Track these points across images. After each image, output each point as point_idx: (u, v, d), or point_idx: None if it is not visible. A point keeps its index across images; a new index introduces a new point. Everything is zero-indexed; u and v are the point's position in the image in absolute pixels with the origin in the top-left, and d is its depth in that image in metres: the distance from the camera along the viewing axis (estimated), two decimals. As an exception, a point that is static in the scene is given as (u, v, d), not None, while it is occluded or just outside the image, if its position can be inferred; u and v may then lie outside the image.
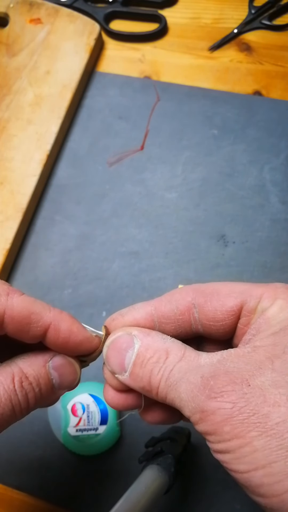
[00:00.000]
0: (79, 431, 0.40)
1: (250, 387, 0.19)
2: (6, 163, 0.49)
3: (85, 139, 0.52)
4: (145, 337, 0.23)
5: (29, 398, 0.23)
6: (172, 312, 0.24)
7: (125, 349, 0.23)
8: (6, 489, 0.41)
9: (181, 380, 0.21)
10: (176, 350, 0.22)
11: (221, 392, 0.19)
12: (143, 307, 0.24)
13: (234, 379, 0.20)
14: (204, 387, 0.20)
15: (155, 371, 0.22)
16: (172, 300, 0.24)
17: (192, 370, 0.21)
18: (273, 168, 0.48)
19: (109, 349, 0.24)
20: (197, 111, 0.51)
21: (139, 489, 0.30)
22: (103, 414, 0.40)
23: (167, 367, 0.22)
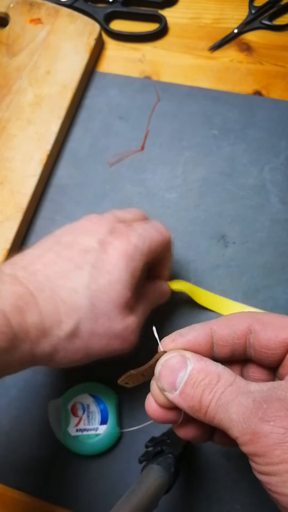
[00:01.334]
0: (79, 431, 0.40)
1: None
2: (6, 163, 0.49)
3: (85, 139, 0.52)
4: (198, 361, 0.25)
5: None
6: (230, 336, 0.26)
7: (178, 369, 0.25)
8: (6, 489, 0.41)
9: (232, 402, 0.22)
10: (228, 375, 0.24)
11: (274, 416, 0.20)
12: (203, 327, 0.26)
13: (286, 405, 0.21)
14: (257, 409, 0.21)
15: (207, 392, 0.23)
16: (230, 325, 0.26)
17: (244, 394, 0.22)
18: (273, 168, 0.48)
19: (163, 367, 0.25)
20: (197, 111, 0.51)
21: (139, 489, 0.30)
22: (103, 414, 0.40)
23: (219, 389, 0.23)
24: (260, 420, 0.21)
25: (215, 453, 0.39)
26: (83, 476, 0.40)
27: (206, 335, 0.26)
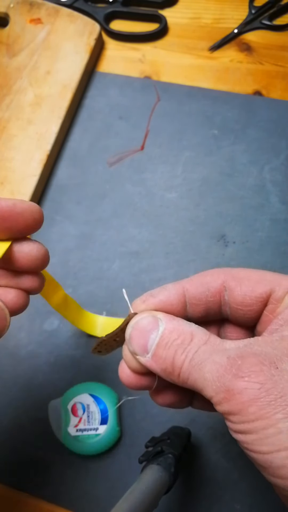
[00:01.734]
0: (79, 431, 0.40)
1: (278, 370, 0.19)
2: (6, 163, 0.49)
3: (85, 139, 0.52)
4: (170, 321, 0.23)
5: None
6: (203, 294, 0.24)
7: (150, 331, 0.23)
8: (6, 489, 0.41)
9: (206, 361, 0.21)
10: (201, 334, 0.23)
11: (249, 371, 0.19)
12: (174, 287, 0.25)
13: (262, 360, 0.20)
14: (231, 366, 0.20)
15: (179, 352, 0.22)
16: (204, 282, 0.25)
17: (218, 352, 0.21)
18: (273, 168, 0.48)
19: (133, 330, 0.24)
20: (197, 111, 0.51)
21: (139, 489, 0.30)
22: (103, 414, 0.40)
23: (192, 348, 0.22)
24: (234, 377, 0.20)
25: (215, 453, 0.39)
26: (83, 476, 0.40)
27: (178, 294, 0.25)
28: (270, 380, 0.19)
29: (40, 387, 0.43)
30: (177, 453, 0.34)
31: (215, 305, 0.25)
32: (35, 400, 0.42)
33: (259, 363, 0.20)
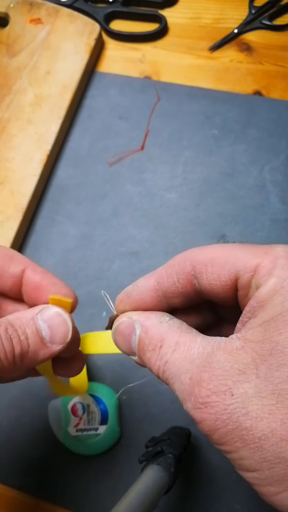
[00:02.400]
0: (79, 431, 0.40)
1: (233, 397, 0.19)
2: (6, 163, 0.49)
3: (85, 139, 0.52)
4: (144, 322, 0.23)
5: (14, 344, 0.23)
6: (174, 286, 0.23)
7: (129, 334, 0.23)
8: (6, 489, 0.41)
9: (174, 378, 0.21)
10: (170, 337, 0.22)
11: (205, 403, 0.19)
12: (146, 283, 0.24)
13: (218, 386, 0.19)
14: (190, 394, 0.20)
15: (153, 361, 0.22)
16: (172, 273, 0.23)
17: (185, 366, 0.21)
18: (273, 168, 0.48)
19: (115, 335, 0.24)
20: (197, 111, 0.51)
21: (139, 489, 0.30)
22: (103, 414, 0.40)
23: (162, 358, 0.22)
24: (192, 407, 0.20)
25: (215, 453, 0.39)
26: (83, 476, 0.40)
27: (150, 291, 0.24)
28: (225, 410, 0.19)
29: (40, 387, 0.43)
30: (177, 453, 0.34)
31: (190, 294, 0.23)
32: (35, 400, 0.42)
33: (213, 393, 0.19)
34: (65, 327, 0.25)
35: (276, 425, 0.18)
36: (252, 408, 0.18)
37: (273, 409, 0.18)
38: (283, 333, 0.18)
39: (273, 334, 0.19)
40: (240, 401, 0.18)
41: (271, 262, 0.20)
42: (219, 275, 0.22)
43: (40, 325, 0.24)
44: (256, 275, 0.20)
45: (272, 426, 0.18)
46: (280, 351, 0.18)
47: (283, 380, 0.18)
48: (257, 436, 0.18)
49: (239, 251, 0.22)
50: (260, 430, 0.18)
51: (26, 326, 0.24)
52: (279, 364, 0.18)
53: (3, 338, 0.23)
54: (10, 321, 0.24)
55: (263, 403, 0.18)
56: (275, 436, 0.18)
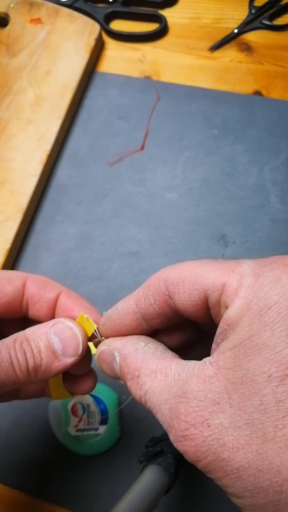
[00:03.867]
0: (79, 431, 0.40)
1: (210, 429, 0.19)
2: (6, 163, 0.49)
3: (85, 139, 0.52)
4: (121, 350, 0.23)
5: (28, 358, 0.24)
6: (151, 308, 0.23)
7: (111, 362, 0.24)
8: (6, 489, 0.41)
9: (155, 408, 0.21)
10: (146, 366, 0.22)
11: (184, 436, 0.19)
12: (125, 306, 0.24)
13: (196, 418, 0.19)
14: (171, 426, 0.20)
15: (133, 390, 0.22)
16: (148, 295, 0.23)
17: (163, 396, 0.21)
18: (274, 168, 0.48)
19: (99, 363, 0.25)
20: (197, 111, 0.51)
21: (139, 489, 0.30)
22: (103, 414, 0.40)
23: (142, 388, 0.22)
24: (174, 440, 0.20)
25: (215, 453, 0.39)
26: (83, 476, 0.40)
27: (130, 313, 0.24)
28: (204, 442, 0.19)
29: (40, 387, 0.43)
30: (177, 453, 0.34)
31: (169, 314, 0.23)
32: (35, 400, 0.42)
33: (191, 426, 0.19)
34: (75, 340, 0.25)
35: (252, 455, 0.18)
36: (228, 439, 0.18)
37: (247, 439, 0.18)
38: (252, 359, 0.18)
39: (243, 361, 0.18)
40: (217, 432, 0.18)
41: (237, 281, 0.19)
42: (189, 295, 0.21)
43: (52, 338, 0.25)
44: (223, 294, 0.20)
45: (249, 456, 0.18)
46: (251, 379, 0.18)
47: (255, 409, 0.18)
48: (235, 467, 0.18)
49: (207, 269, 0.21)
50: (237, 461, 0.18)
51: (40, 339, 0.25)
52: (250, 393, 0.18)
53: (18, 352, 0.24)
54: (26, 335, 0.25)
55: (238, 433, 0.18)
56: (252, 467, 0.18)
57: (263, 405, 0.18)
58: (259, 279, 0.19)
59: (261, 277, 0.19)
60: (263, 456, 0.17)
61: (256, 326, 0.18)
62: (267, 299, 0.18)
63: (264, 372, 0.18)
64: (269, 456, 0.17)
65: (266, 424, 0.17)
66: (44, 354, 0.25)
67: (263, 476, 0.17)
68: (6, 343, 0.24)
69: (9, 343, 0.24)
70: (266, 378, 0.18)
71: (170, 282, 0.22)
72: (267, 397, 0.18)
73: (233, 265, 0.20)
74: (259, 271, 0.19)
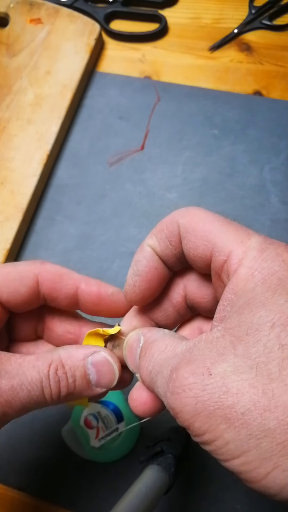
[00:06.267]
0: (102, 439, 0.39)
1: (211, 377, 0.18)
2: (6, 163, 0.49)
3: (85, 139, 0.52)
4: (146, 333, 0.24)
5: (61, 386, 0.24)
6: (168, 249, 0.24)
7: (136, 348, 0.24)
8: (6, 489, 0.41)
9: (157, 375, 0.21)
10: (161, 342, 0.22)
11: (182, 386, 0.19)
12: (144, 257, 0.25)
13: (196, 369, 0.19)
14: (169, 382, 0.20)
15: (143, 365, 0.23)
16: (163, 238, 0.24)
17: (168, 361, 0.21)
18: (274, 168, 0.48)
19: (127, 350, 0.25)
20: (197, 111, 0.51)
21: (139, 489, 0.30)
22: (116, 413, 0.40)
23: (150, 360, 0.22)
24: (171, 394, 0.19)
25: (215, 453, 0.39)
26: (83, 476, 0.40)
27: (150, 262, 0.25)
28: (204, 391, 0.18)
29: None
30: (177, 453, 0.34)
31: (183, 257, 0.24)
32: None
33: (191, 375, 0.19)
34: (111, 375, 0.25)
35: (258, 397, 0.17)
36: (232, 385, 0.18)
37: (253, 382, 0.18)
38: (256, 313, 0.19)
39: (248, 316, 0.19)
40: (219, 379, 0.18)
41: (243, 252, 0.21)
42: (197, 246, 0.22)
43: (89, 368, 0.25)
44: (228, 262, 0.21)
45: (254, 398, 0.17)
46: (255, 329, 0.19)
47: (260, 354, 0.18)
48: (240, 412, 0.18)
49: (220, 230, 0.22)
50: (242, 405, 0.18)
51: (76, 368, 0.25)
52: (255, 341, 0.18)
53: (51, 381, 0.24)
54: (62, 360, 0.24)
55: (243, 378, 0.18)
56: (258, 408, 0.17)
57: (268, 349, 0.18)
58: (263, 253, 0.20)
59: (265, 252, 0.20)
60: (270, 395, 0.17)
61: (260, 288, 0.19)
62: (269, 269, 0.20)
63: (268, 321, 0.18)
64: (276, 394, 0.17)
65: (270, 365, 0.18)
66: (78, 383, 0.24)
67: (271, 415, 0.17)
68: (38, 368, 0.24)
69: (42, 368, 0.24)
70: (270, 326, 0.18)
71: (182, 227, 0.23)
72: (271, 342, 0.18)
73: (243, 235, 0.21)
74: (264, 247, 0.21)
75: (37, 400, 0.23)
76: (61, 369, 0.24)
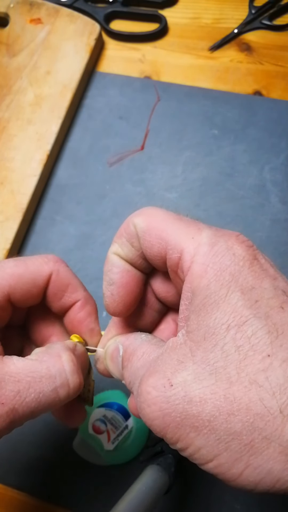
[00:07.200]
0: (115, 441, 0.39)
1: (172, 388, 0.19)
2: (6, 163, 0.49)
3: (85, 139, 0.52)
4: (124, 341, 0.24)
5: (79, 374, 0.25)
6: (132, 252, 0.24)
7: (116, 357, 0.24)
8: (6, 489, 0.41)
9: (133, 386, 0.22)
10: (139, 349, 0.23)
11: (146, 401, 0.19)
12: (113, 265, 0.25)
13: (157, 380, 0.19)
14: (137, 394, 0.20)
15: (126, 375, 0.23)
16: (124, 242, 0.24)
17: (139, 371, 0.21)
18: (273, 168, 0.48)
19: (108, 360, 0.25)
20: (197, 111, 0.51)
21: (139, 489, 0.30)
22: (122, 412, 0.40)
23: (130, 369, 0.22)
24: (140, 409, 0.20)
25: (215, 453, 0.39)
26: (83, 476, 0.40)
27: (120, 270, 0.25)
28: (168, 403, 0.19)
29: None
30: (177, 453, 0.34)
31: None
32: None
33: (153, 388, 0.19)
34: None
35: (221, 402, 0.18)
36: (194, 393, 0.18)
37: (214, 388, 0.18)
38: (212, 315, 0.19)
39: (204, 318, 0.19)
40: (181, 390, 0.19)
41: (195, 249, 0.21)
42: (153, 245, 0.22)
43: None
44: (182, 259, 0.21)
45: (217, 404, 0.18)
46: (212, 333, 0.19)
47: (218, 359, 0.18)
48: (206, 419, 0.18)
49: (172, 227, 0.22)
50: (207, 413, 0.18)
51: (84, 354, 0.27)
52: (213, 345, 0.19)
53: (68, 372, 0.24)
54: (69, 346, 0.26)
55: (204, 385, 0.18)
56: (223, 414, 0.18)
57: (225, 353, 0.18)
58: (214, 247, 0.20)
59: (216, 246, 0.20)
60: (231, 399, 0.18)
61: (213, 286, 0.19)
62: (221, 264, 0.20)
63: (223, 324, 0.19)
64: (237, 398, 0.17)
65: (229, 369, 0.18)
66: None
67: (235, 418, 0.17)
68: (47, 363, 0.23)
69: (53, 362, 0.24)
70: (225, 328, 0.19)
71: (138, 227, 0.23)
72: (227, 345, 0.18)
73: (194, 230, 0.21)
74: (214, 241, 0.21)
75: (51, 404, 0.23)
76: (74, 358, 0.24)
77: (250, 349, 0.18)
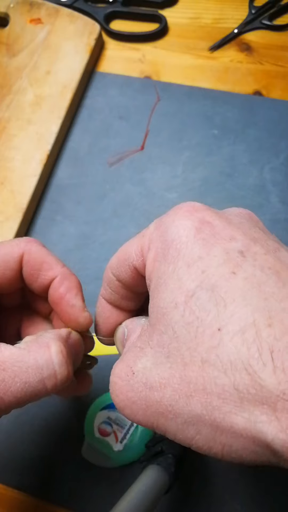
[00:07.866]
0: (123, 440, 0.39)
1: (134, 376, 0.19)
2: (6, 163, 0.49)
3: (85, 139, 0.52)
4: (129, 325, 0.24)
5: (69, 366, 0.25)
6: (114, 296, 0.25)
7: (123, 340, 0.24)
8: (6, 489, 0.41)
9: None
10: (133, 332, 0.23)
11: (115, 391, 0.19)
12: (102, 308, 0.27)
13: (122, 369, 0.19)
14: (110, 383, 0.20)
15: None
16: (106, 288, 0.25)
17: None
18: (274, 168, 0.48)
19: (118, 345, 0.25)
20: (197, 111, 0.51)
21: (139, 489, 0.30)
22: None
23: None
24: (112, 395, 0.20)
25: (215, 453, 0.39)
26: (83, 476, 0.40)
27: (108, 311, 0.26)
28: (132, 392, 0.19)
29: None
30: (177, 453, 0.34)
31: (131, 295, 0.25)
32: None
33: (119, 378, 0.19)
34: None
35: (178, 385, 0.17)
36: (154, 379, 0.18)
37: (171, 371, 0.18)
38: (162, 296, 0.19)
39: (156, 300, 0.19)
40: (142, 377, 0.18)
41: (148, 240, 0.21)
42: (126, 272, 0.23)
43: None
44: (136, 260, 0.22)
45: (176, 388, 0.17)
46: (163, 313, 0.18)
47: (171, 340, 0.18)
48: (168, 404, 0.18)
49: (129, 243, 0.23)
50: (168, 397, 0.18)
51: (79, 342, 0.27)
52: (165, 326, 0.18)
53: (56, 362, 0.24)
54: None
55: (161, 370, 0.18)
56: (182, 397, 0.17)
57: (176, 333, 0.18)
58: (159, 228, 0.20)
59: (161, 226, 0.20)
60: (187, 381, 0.17)
61: (163, 266, 0.19)
62: (167, 241, 0.19)
63: (171, 302, 0.18)
64: (192, 379, 0.17)
65: (182, 350, 0.17)
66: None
67: (193, 400, 0.17)
68: (35, 353, 0.23)
69: (42, 352, 0.23)
70: (173, 307, 0.18)
71: (113, 268, 0.24)
72: (178, 324, 0.18)
73: (144, 230, 0.22)
74: (159, 223, 0.21)
75: (38, 394, 0.23)
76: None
77: (199, 325, 0.17)
